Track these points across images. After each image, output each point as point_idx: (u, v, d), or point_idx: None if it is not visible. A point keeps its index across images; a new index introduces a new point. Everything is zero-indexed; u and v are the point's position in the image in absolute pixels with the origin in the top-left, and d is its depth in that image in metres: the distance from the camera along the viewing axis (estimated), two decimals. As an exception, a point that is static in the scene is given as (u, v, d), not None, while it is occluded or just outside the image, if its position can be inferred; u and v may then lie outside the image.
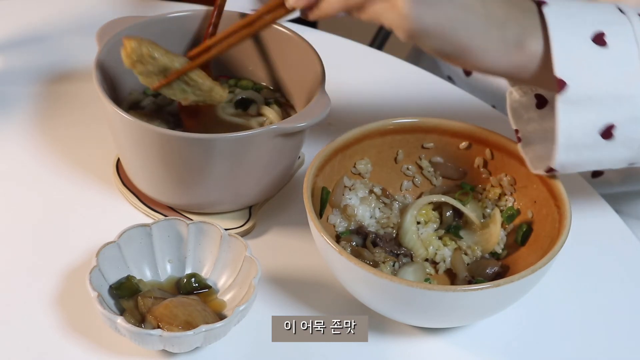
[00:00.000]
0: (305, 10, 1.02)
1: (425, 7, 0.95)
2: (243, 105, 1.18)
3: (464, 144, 1.13)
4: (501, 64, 0.98)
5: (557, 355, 1.05)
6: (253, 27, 1.08)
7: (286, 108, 1.19)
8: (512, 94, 1.06)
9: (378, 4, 0.97)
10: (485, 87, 1.39)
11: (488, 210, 1.12)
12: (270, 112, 1.17)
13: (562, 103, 0.97)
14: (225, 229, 1.07)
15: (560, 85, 0.96)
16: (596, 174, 1.24)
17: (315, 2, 1.01)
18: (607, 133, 0.99)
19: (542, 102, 1.04)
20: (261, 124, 1.16)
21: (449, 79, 1.52)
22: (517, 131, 1.07)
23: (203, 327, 0.97)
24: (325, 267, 1.05)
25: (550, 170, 1.03)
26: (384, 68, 1.40)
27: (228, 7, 1.19)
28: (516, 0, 0.99)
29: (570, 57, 0.96)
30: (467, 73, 1.44)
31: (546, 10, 0.98)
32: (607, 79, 0.97)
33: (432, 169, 1.15)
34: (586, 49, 0.97)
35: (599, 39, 0.97)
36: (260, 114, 1.17)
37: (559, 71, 0.96)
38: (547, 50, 0.97)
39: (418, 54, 1.60)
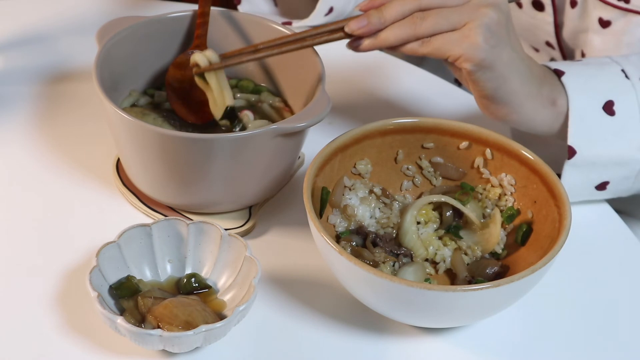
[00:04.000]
0: (362, 37, 1.05)
1: (494, 43, 1.05)
2: (231, 115, 1.18)
3: (464, 144, 1.13)
4: (538, 116, 1.11)
5: (557, 355, 1.05)
6: (302, 44, 1.09)
7: (283, 112, 1.19)
8: None
9: (449, 35, 1.04)
10: None
11: (488, 210, 1.12)
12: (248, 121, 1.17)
13: (568, 166, 1.12)
14: (225, 229, 1.07)
15: (571, 152, 1.12)
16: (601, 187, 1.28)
17: (375, 31, 1.05)
18: (601, 187, 1.16)
19: None
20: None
21: (456, 81, 1.52)
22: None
23: (203, 327, 0.97)
24: (325, 267, 1.05)
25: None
26: (384, 68, 1.40)
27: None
28: (543, 67, 1.13)
29: (582, 127, 1.11)
30: None
31: (565, 79, 1.12)
32: (610, 148, 1.12)
33: (432, 169, 1.15)
34: (597, 118, 1.12)
35: (608, 108, 1.12)
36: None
37: (571, 140, 1.11)
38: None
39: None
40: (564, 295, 1.10)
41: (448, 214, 1.12)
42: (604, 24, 1.25)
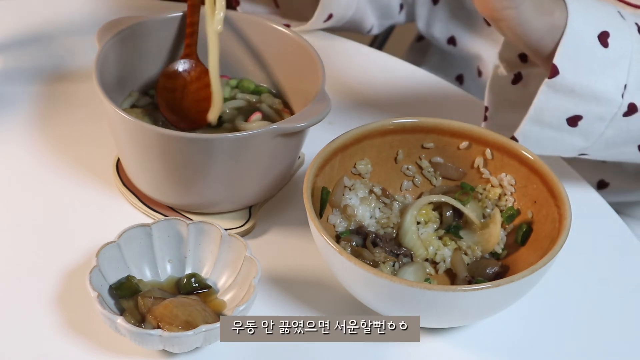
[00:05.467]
0: None
1: None
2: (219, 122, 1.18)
3: (464, 144, 1.13)
4: (534, 20, 1.06)
5: (557, 355, 1.05)
6: None
7: (282, 113, 1.19)
8: (499, 68, 1.17)
9: None
10: None
11: (488, 210, 1.12)
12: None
13: (546, 86, 1.07)
14: (225, 229, 1.07)
15: (553, 71, 1.07)
16: (602, 185, 1.28)
17: None
18: (572, 121, 1.10)
19: (517, 79, 1.17)
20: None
21: (457, 79, 1.52)
22: (486, 109, 1.19)
23: (203, 327, 0.97)
24: (325, 267, 1.05)
25: (512, 138, 1.12)
26: (384, 68, 1.40)
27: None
28: None
29: (573, 50, 1.07)
30: (479, 73, 1.45)
31: (568, 1, 1.07)
32: (595, 80, 1.08)
33: (432, 169, 1.15)
34: (590, 45, 1.07)
35: (603, 38, 1.08)
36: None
37: (558, 59, 1.06)
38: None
39: (419, 54, 1.61)
40: (563, 295, 1.10)
41: (448, 214, 1.12)
42: None
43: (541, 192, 1.07)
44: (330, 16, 1.38)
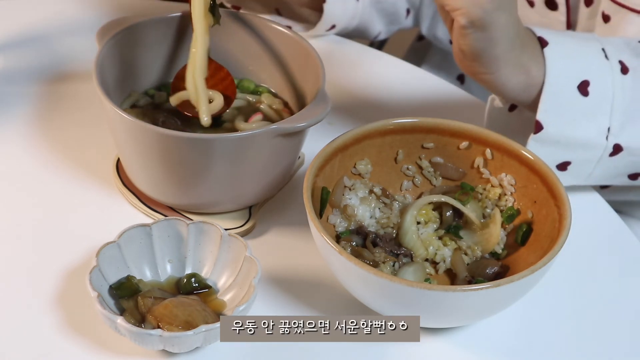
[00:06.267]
0: None
1: (498, 5, 1.04)
2: (215, 121, 1.18)
3: (464, 144, 1.13)
4: (511, 81, 1.10)
5: (557, 355, 1.05)
6: None
7: (282, 114, 1.19)
8: (495, 100, 1.18)
9: None
10: None
11: (488, 210, 1.12)
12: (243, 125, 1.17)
13: (533, 140, 1.11)
14: (225, 229, 1.07)
15: (538, 127, 1.11)
16: (602, 185, 1.29)
17: None
18: (562, 166, 1.14)
19: (513, 107, 1.19)
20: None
21: (459, 79, 1.52)
22: None
23: (203, 327, 0.97)
24: (325, 267, 1.05)
25: None
26: (384, 68, 1.40)
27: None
28: (528, 32, 1.12)
29: (554, 104, 1.10)
30: None
31: (547, 52, 1.10)
32: (577, 129, 1.11)
33: (432, 169, 1.15)
34: (570, 97, 1.11)
35: (583, 88, 1.11)
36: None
37: (540, 115, 1.10)
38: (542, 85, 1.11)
39: (419, 54, 1.61)
40: (563, 295, 1.10)
41: (448, 214, 1.12)
42: (605, 18, 1.25)
43: (541, 192, 1.07)
44: (333, 26, 1.38)
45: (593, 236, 1.17)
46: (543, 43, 1.11)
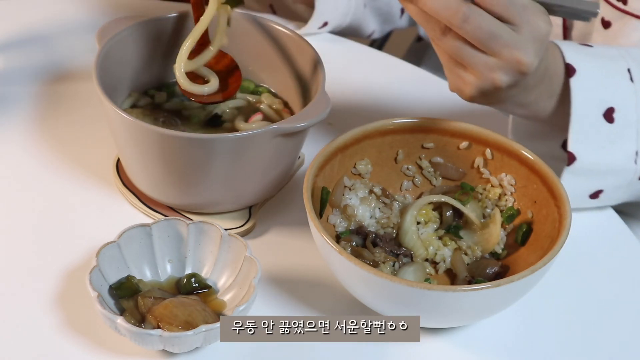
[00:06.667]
0: None
1: (514, 93, 1.06)
2: (215, 122, 1.18)
3: (464, 144, 1.13)
4: (540, 105, 1.11)
5: (557, 355, 1.05)
6: None
7: (282, 114, 1.19)
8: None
9: (479, 57, 1.01)
10: None
11: (488, 210, 1.12)
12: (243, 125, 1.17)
13: (567, 173, 1.11)
14: (225, 229, 1.07)
15: (571, 158, 1.10)
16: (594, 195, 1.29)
17: None
18: (595, 195, 1.15)
19: None
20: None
21: None
22: None
23: (203, 327, 0.97)
24: (325, 267, 1.05)
25: None
26: (384, 68, 1.40)
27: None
28: (555, 55, 1.10)
29: (582, 134, 1.10)
30: None
31: (573, 83, 1.10)
32: (606, 156, 1.12)
33: (432, 169, 1.15)
34: (597, 125, 1.11)
35: (608, 115, 1.11)
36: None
37: (572, 146, 1.10)
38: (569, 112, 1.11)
39: (419, 54, 1.61)
40: (563, 295, 1.10)
41: (448, 214, 1.12)
42: (605, 24, 1.25)
43: (541, 192, 1.07)
44: (325, 23, 1.38)
45: (593, 236, 1.16)
46: (570, 71, 1.10)
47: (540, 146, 1.15)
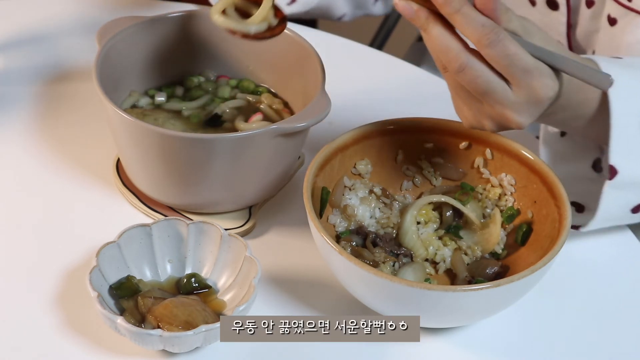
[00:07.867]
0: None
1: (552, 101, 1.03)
2: (215, 122, 1.17)
3: (464, 144, 1.13)
4: (577, 127, 1.09)
5: (557, 355, 1.05)
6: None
7: (282, 114, 1.19)
8: (548, 126, 1.16)
9: (495, 84, 0.99)
10: None
11: (488, 210, 1.12)
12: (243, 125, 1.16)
13: (609, 187, 1.07)
14: (225, 229, 1.07)
15: (612, 172, 1.07)
16: (636, 209, 1.29)
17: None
18: (637, 209, 1.11)
19: (564, 132, 1.16)
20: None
21: None
22: None
23: (203, 327, 0.97)
24: (325, 267, 1.05)
25: (576, 227, 1.12)
26: (384, 68, 1.40)
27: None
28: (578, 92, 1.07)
29: (623, 146, 1.07)
30: None
31: (611, 95, 1.05)
32: None
33: (432, 169, 1.15)
34: (634, 135, 1.07)
35: None
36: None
37: (613, 159, 1.07)
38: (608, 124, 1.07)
39: (419, 54, 1.60)
40: (563, 295, 1.10)
41: (448, 214, 1.12)
42: (612, 21, 1.25)
43: (541, 192, 1.07)
44: (293, 0, 1.37)
45: (593, 236, 1.16)
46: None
47: (569, 168, 1.14)
